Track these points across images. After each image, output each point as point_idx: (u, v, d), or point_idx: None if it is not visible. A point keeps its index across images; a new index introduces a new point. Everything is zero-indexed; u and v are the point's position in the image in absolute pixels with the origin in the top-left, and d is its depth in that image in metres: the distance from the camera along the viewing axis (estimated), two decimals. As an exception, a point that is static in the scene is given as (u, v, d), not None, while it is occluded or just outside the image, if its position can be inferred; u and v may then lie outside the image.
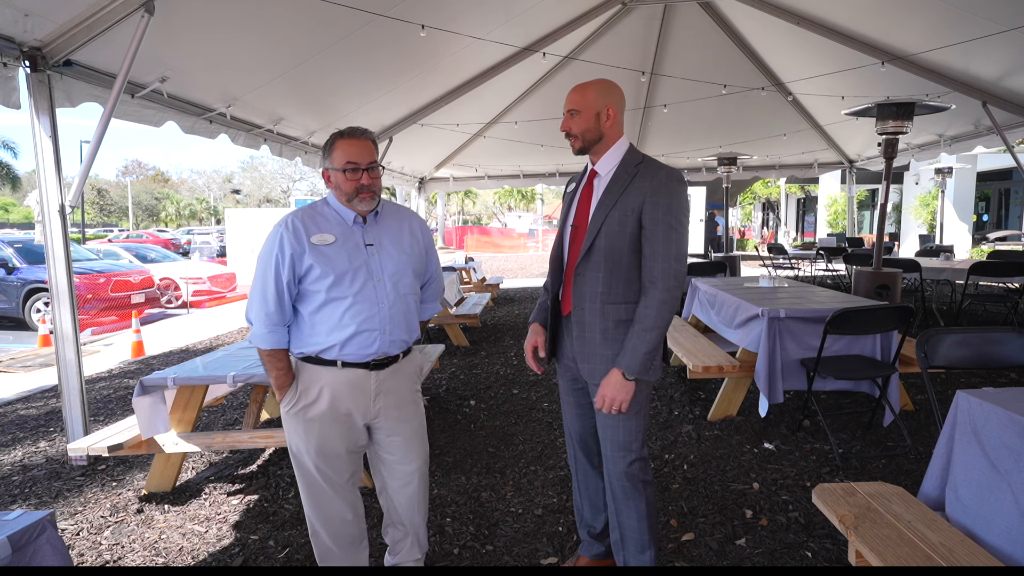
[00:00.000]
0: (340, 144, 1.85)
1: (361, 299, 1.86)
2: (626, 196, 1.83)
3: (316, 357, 1.89)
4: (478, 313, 6.56)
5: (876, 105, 4.97)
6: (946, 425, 1.76)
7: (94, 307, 9.27)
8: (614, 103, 1.88)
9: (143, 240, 24.22)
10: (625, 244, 1.83)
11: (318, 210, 1.91)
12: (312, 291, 1.85)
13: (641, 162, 1.87)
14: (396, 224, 1.99)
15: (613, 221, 1.83)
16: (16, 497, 3.08)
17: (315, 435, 1.91)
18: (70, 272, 3.38)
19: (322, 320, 1.86)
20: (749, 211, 31.98)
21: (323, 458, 1.93)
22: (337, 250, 1.85)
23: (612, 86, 1.91)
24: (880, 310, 3.29)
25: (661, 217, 1.79)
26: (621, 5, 6.28)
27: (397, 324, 1.94)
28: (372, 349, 1.89)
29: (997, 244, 14.23)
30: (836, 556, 2.33)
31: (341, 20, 4.45)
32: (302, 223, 1.85)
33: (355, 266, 1.86)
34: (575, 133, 1.90)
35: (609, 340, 1.87)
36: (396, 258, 1.94)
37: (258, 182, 48.13)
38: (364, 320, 1.86)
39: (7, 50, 3.12)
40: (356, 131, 1.88)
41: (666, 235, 1.79)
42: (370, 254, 1.90)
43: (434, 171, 10.48)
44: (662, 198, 1.79)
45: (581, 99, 1.87)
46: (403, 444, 2.03)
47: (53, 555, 1.30)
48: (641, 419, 1.91)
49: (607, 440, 1.92)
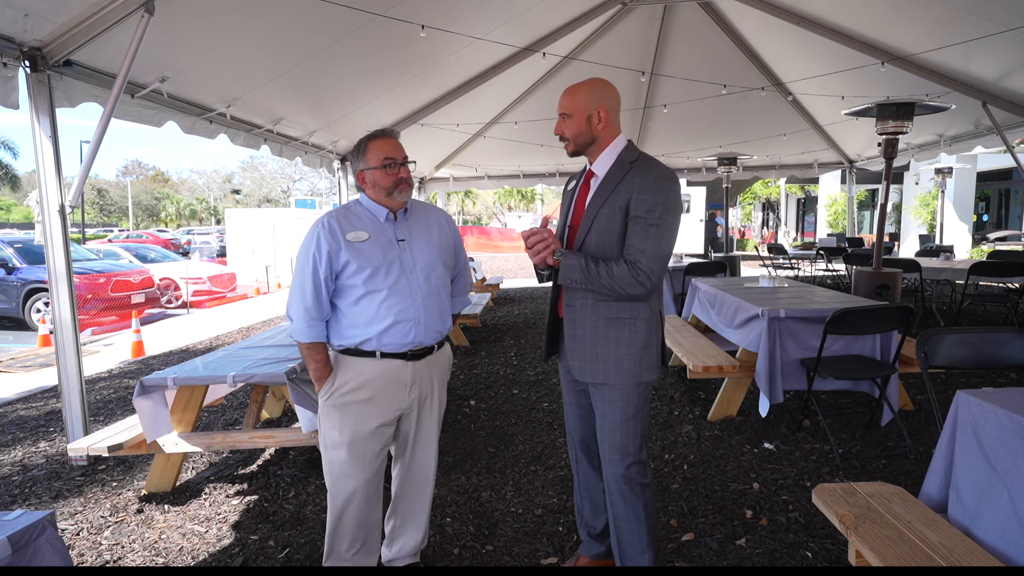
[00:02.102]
0: (374, 144, 1.97)
1: (396, 291, 1.95)
2: (615, 194, 1.81)
3: (355, 349, 1.98)
4: (478, 313, 6.56)
5: (876, 105, 4.97)
6: (946, 426, 1.76)
7: (94, 307, 9.27)
8: (605, 104, 1.86)
9: (143, 240, 24.22)
10: (613, 243, 1.81)
11: (351, 210, 2.02)
12: (349, 285, 1.94)
13: (635, 160, 1.85)
14: (424, 220, 2.10)
15: (602, 219, 1.82)
16: (16, 497, 3.08)
17: (350, 425, 1.98)
18: (70, 272, 3.38)
19: (360, 312, 1.95)
20: (749, 211, 31.97)
21: (355, 448, 1.99)
22: (371, 246, 1.95)
23: (604, 86, 1.89)
24: (880, 310, 3.29)
25: (643, 214, 1.77)
26: (621, 5, 6.28)
27: (431, 315, 2.03)
28: (409, 338, 1.98)
29: (997, 244, 14.24)
30: (836, 556, 2.33)
31: (341, 20, 4.45)
32: (337, 222, 1.94)
33: (388, 260, 1.95)
34: (568, 136, 1.90)
35: (600, 338, 1.86)
36: (427, 252, 2.03)
37: (258, 182, 48.11)
38: (400, 311, 1.95)
39: (7, 50, 3.12)
40: (387, 131, 2.01)
41: (644, 231, 1.76)
42: (402, 249, 1.99)
43: (434, 171, 10.47)
44: (648, 195, 1.77)
45: (572, 103, 1.87)
46: (425, 435, 2.15)
47: (53, 555, 1.30)
48: (639, 422, 1.89)
49: (605, 443, 1.92)
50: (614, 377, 1.86)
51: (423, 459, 2.18)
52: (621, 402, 1.86)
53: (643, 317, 1.86)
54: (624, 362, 1.85)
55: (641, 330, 1.86)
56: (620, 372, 1.85)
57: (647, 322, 1.86)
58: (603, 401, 1.90)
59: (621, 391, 1.86)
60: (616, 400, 1.87)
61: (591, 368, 1.88)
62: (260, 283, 14.10)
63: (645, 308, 1.86)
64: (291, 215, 17.37)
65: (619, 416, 1.87)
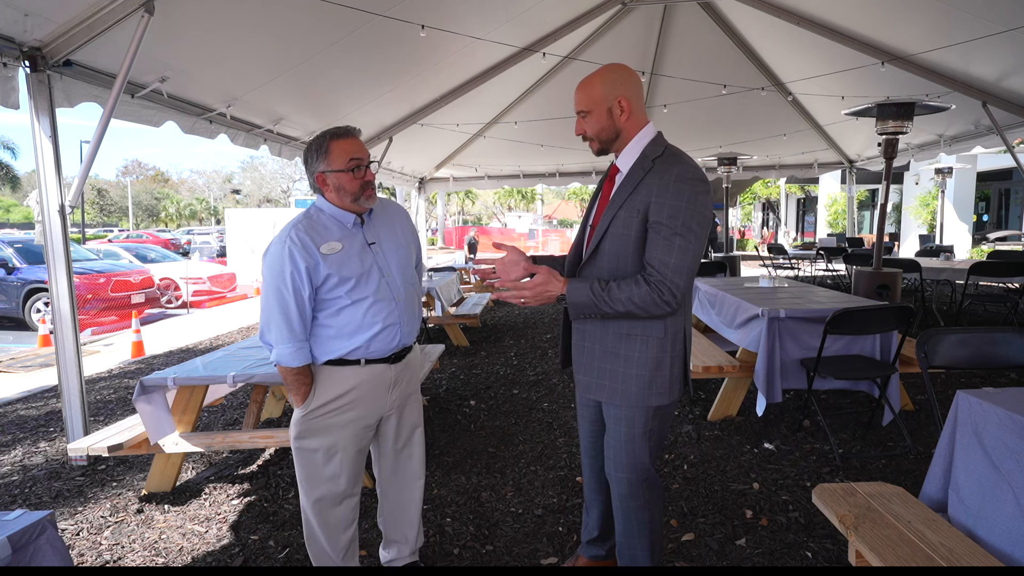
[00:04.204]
0: (337, 144, 1.80)
1: (379, 297, 1.89)
2: (635, 195, 1.63)
3: (339, 359, 1.89)
4: (478, 313, 6.56)
5: (876, 105, 4.97)
6: (947, 426, 1.76)
7: (94, 307, 9.27)
8: (626, 93, 1.66)
9: (143, 240, 24.22)
10: (630, 249, 1.64)
11: (314, 219, 1.85)
12: (330, 298, 1.84)
13: (659, 156, 1.65)
14: (388, 219, 2.02)
15: (618, 223, 1.65)
16: (16, 497, 3.08)
17: (333, 432, 1.92)
18: (70, 272, 3.38)
19: (344, 323, 1.86)
20: (749, 211, 31.98)
21: (336, 454, 1.94)
22: (347, 256, 1.83)
23: (621, 72, 1.69)
24: (880, 310, 3.29)
25: (665, 220, 1.57)
26: (621, 5, 6.28)
27: (412, 315, 2.01)
28: (395, 343, 1.94)
29: (997, 244, 14.25)
30: (836, 556, 2.33)
31: (341, 20, 4.45)
32: (307, 235, 1.79)
33: (366, 267, 1.87)
34: (590, 135, 1.72)
35: (609, 354, 1.73)
36: (396, 251, 1.97)
37: (258, 182, 48.10)
38: (387, 315, 1.90)
39: (7, 50, 3.12)
40: (350, 130, 1.84)
41: (668, 242, 1.57)
42: (375, 252, 1.91)
43: (434, 171, 10.48)
44: (668, 199, 1.58)
45: (587, 97, 1.69)
46: (408, 435, 2.13)
47: (53, 555, 1.30)
48: (647, 442, 1.78)
49: (610, 459, 1.84)
50: (619, 398, 1.74)
51: (409, 455, 2.13)
52: (626, 421, 1.75)
53: (656, 335, 1.68)
54: (631, 383, 1.71)
55: (653, 349, 1.69)
56: (626, 393, 1.72)
57: (660, 341, 1.69)
58: (609, 417, 1.81)
59: (627, 411, 1.74)
60: (621, 419, 1.76)
61: (596, 384, 1.78)
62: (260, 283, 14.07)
63: (659, 326, 1.68)
64: (291, 215, 17.33)
65: (623, 436, 1.77)
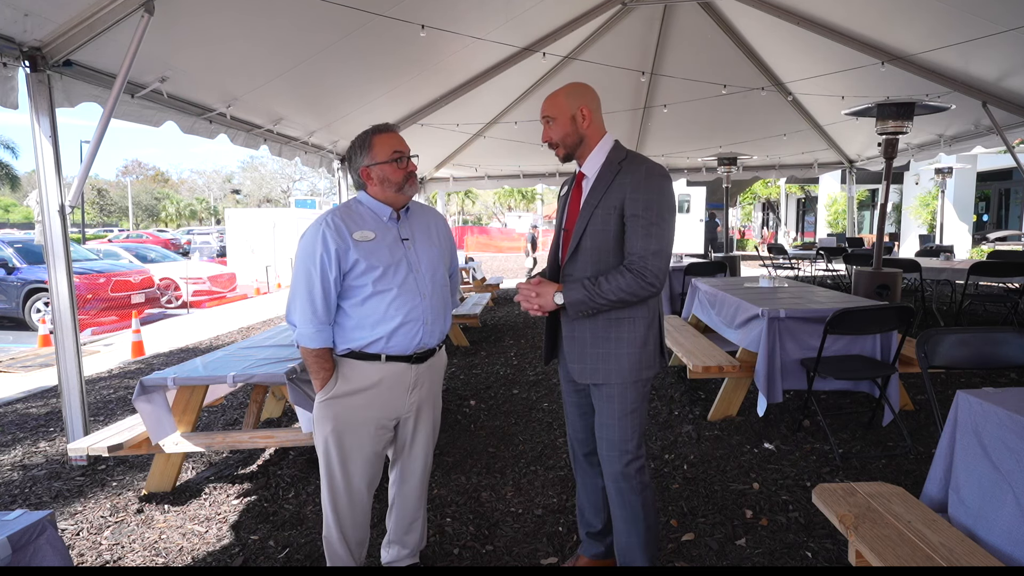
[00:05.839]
0: (380, 139, 1.92)
1: (404, 291, 1.91)
2: (609, 194, 1.83)
3: (360, 352, 1.92)
4: (478, 313, 6.56)
5: (876, 105, 4.97)
6: (947, 426, 1.76)
7: (94, 307, 9.27)
8: (587, 103, 1.88)
9: (143, 240, 24.23)
10: (610, 243, 1.83)
11: (353, 209, 1.96)
12: (356, 286, 1.88)
13: (624, 159, 1.86)
14: (424, 220, 2.08)
15: (597, 221, 1.83)
16: (16, 497, 3.08)
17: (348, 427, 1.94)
18: (70, 272, 3.38)
19: (367, 313, 1.90)
20: (749, 211, 31.97)
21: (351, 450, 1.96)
22: (378, 245, 1.90)
23: (581, 87, 1.92)
24: (880, 310, 3.29)
25: (641, 212, 1.78)
26: (621, 5, 6.28)
27: (437, 315, 2.01)
28: (416, 341, 1.95)
29: (997, 244, 14.23)
30: (836, 556, 2.33)
31: (341, 20, 4.45)
32: (342, 220, 1.88)
33: (396, 259, 1.92)
34: (556, 141, 1.91)
35: (600, 339, 1.87)
36: (429, 251, 2.01)
37: (258, 182, 48.12)
38: (409, 311, 1.92)
39: (7, 50, 3.12)
40: (390, 125, 1.98)
41: (646, 231, 1.78)
42: (407, 248, 1.96)
43: (434, 171, 10.47)
44: (641, 193, 1.79)
45: (553, 105, 1.89)
46: (423, 439, 2.13)
47: (53, 555, 1.30)
48: (637, 418, 1.90)
49: (603, 440, 1.93)
50: (614, 376, 1.87)
51: (419, 462, 2.16)
52: (619, 398, 1.88)
53: (641, 316, 1.88)
54: (624, 360, 1.86)
55: (640, 328, 1.88)
56: (620, 371, 1.87)
57: (645, 320, 1.88)
58: (601, 398, 1.92)
59: (619, 388, 1.88)
60: (614, 396, 1.89)
61: (591, 369, 1.89)
62: (260, 283, 14.10)
63: (643, 307, 1.87)
64: (291, 215, 17.39)
65: (617, 412, 1.89)
